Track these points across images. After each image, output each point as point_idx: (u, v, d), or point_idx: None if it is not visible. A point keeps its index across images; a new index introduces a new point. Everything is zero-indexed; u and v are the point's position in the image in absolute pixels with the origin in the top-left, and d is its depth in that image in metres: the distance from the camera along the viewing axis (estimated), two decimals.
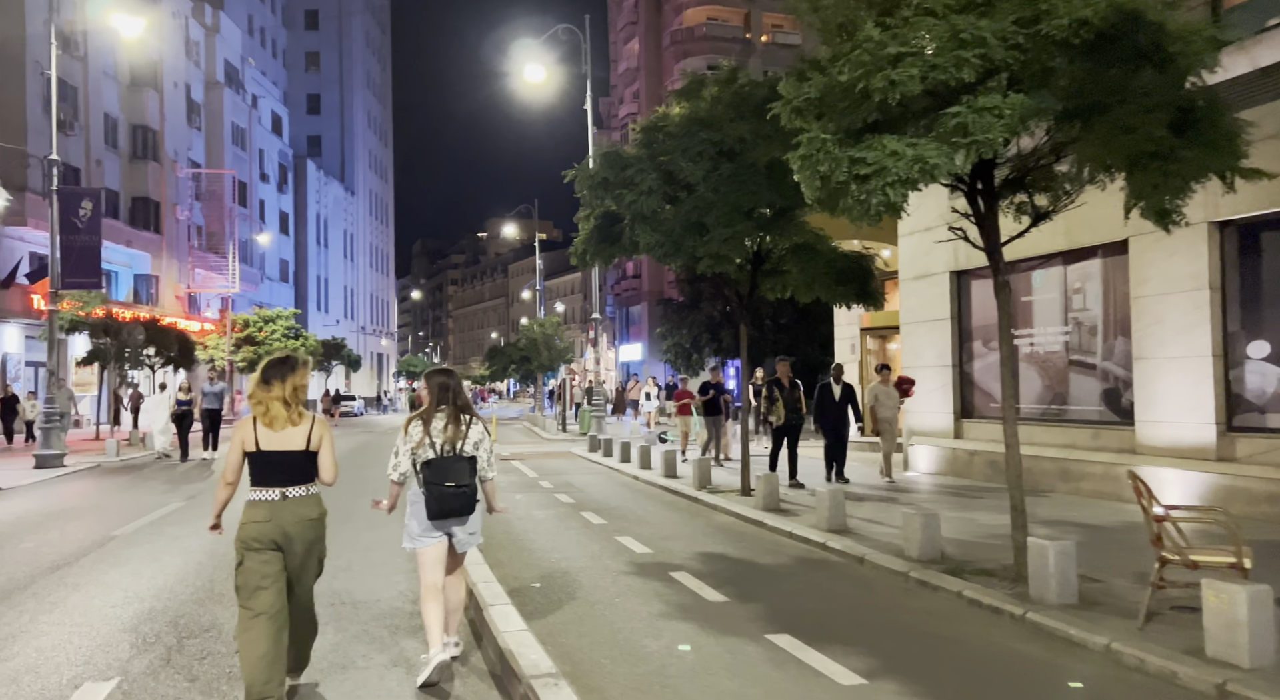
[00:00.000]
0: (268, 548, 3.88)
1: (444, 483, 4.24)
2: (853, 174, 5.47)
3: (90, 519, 9.94)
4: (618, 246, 10.60)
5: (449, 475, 4.25)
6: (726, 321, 43.44)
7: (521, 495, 11.85)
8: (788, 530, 8.45)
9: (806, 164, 5.76)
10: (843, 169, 5.49)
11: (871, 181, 5.44)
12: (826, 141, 5.58)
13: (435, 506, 4.28)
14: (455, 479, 4.26)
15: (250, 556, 3.88)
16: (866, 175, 5.47)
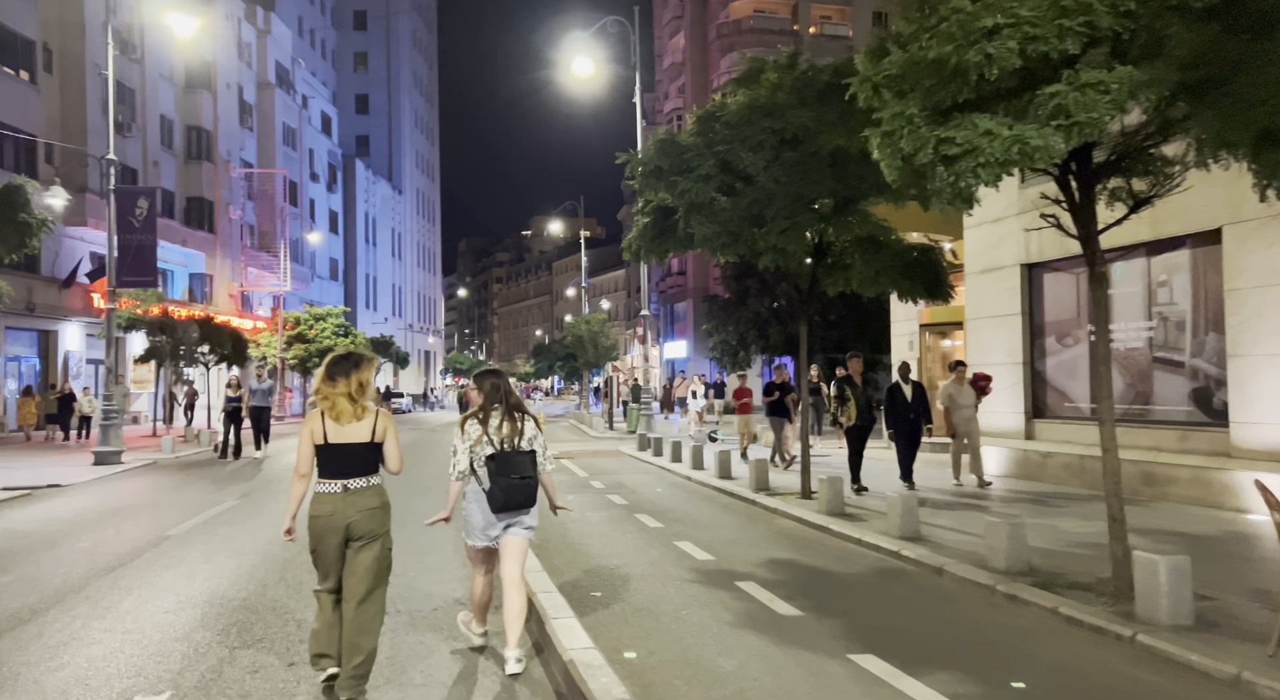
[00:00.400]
0: (332, 539, 4.02)
1: (510, 475, 4.36)
2: (940, 154, 5.05)
3: (145, 517, 9.92)
4: (672, 240, 10.26)
5: (514, 468, 4.39)
6: (774, 318, 42.86)
7: (574, 496, 11.59)
8: (856, 537, 8.04)
9: (888, 142, 5.36)
10: (929, 149, 5.08)
11: (960, 163, 5.03)
12: (914, 118, 5.17)
13: (502, 498, 4.39)
14: (520, 471, 4.40)
15: (320, 546, 4.09)
16: (955, 156, 5.05)
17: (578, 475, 14.27)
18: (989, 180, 5.00)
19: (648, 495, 11.65)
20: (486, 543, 4.54)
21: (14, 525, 9.41)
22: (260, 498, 11.39)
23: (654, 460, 16.41)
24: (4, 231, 10.41)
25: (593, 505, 10.72)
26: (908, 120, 5.30)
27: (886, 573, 6.91)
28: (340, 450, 4.02)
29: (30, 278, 27.16)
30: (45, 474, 14.17)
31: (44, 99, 28.32)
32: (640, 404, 20.29)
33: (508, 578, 4.51)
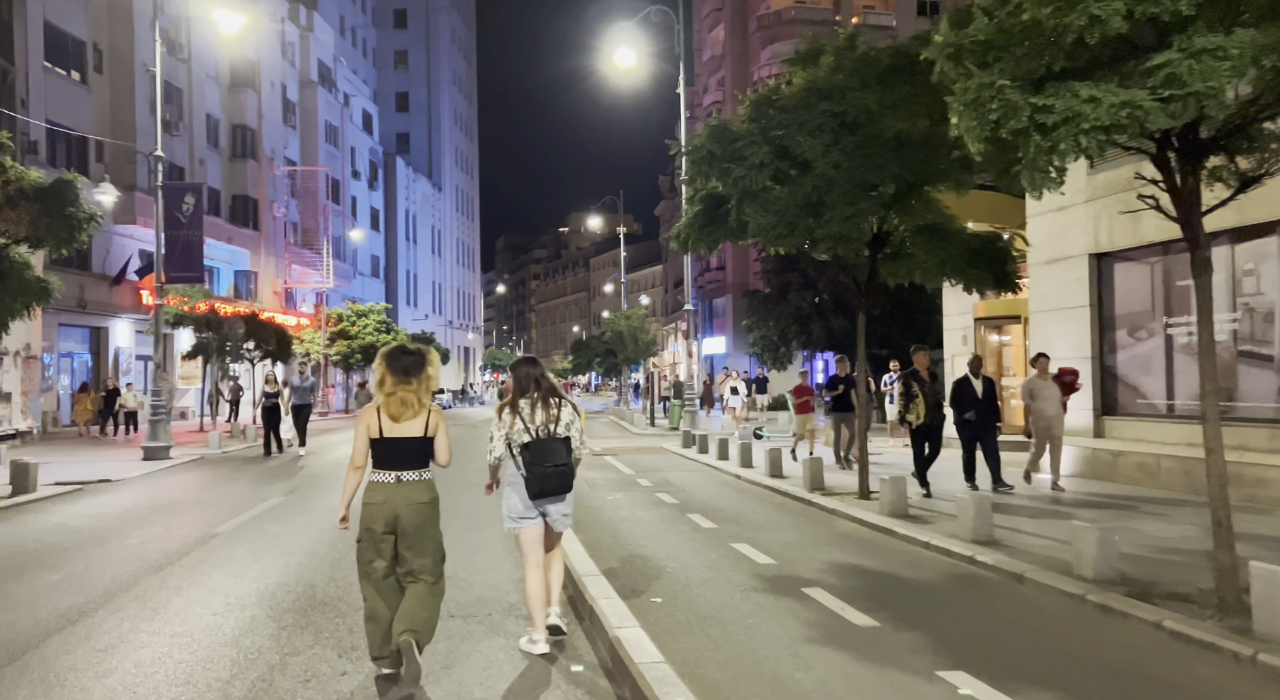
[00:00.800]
0: (381, 528, 4.12)
1: (544, 463, 4.45)
2: (1035, 122, 4.67)
3: (193, 514, 9.85)
4: (722, 230, 9.91)
5: (548, 456, 4.47)
6: (816, 313, 42.15)
7: (621, 494, 11.31)
8: (924, 540, 7.63)
9: (972, 112, 4.97)
10: (1023, 116, 4.69)
11: (1058, 131, 4.64)
12: (1004, 86, 4.78)
13: (536, 486, 4.49)
14: (554, 459, 4.48)
15: (366, 535, 4.16)
16: (1052, 125, 4.66)
17: (623, 472, 13.99)
18: (1090, 149, 4.61)
19: (697, 494, 11.33)
20: (529, 524, 4.67)
21: (65, 521, 9.39)
22: (306, 494, 11.29)
23: (699, 457, 16.08)
24: (54, 226, 10.40)
25: (642, 504, 10.43)
26: (997, 89, 4.91)
27: (961, 579, 6.51)
28: (395, 443, 4.15)
29: (82, 275, 27.64)
30: (96, 469, 14.28)
31: (94, 99, 28.79)
32: (683, 400, 19.92)
33: (549, 559, 4.83)
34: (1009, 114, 4.83)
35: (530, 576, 4.65)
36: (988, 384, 10.35)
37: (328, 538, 8.12)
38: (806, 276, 41.80)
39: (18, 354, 20.67)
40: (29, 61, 23.79)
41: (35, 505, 10.59)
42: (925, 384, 10.23)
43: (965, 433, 10.30)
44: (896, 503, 8.85)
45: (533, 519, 4.62)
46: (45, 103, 25.47)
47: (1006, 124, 4.85)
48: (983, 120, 4.96)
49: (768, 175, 8.82)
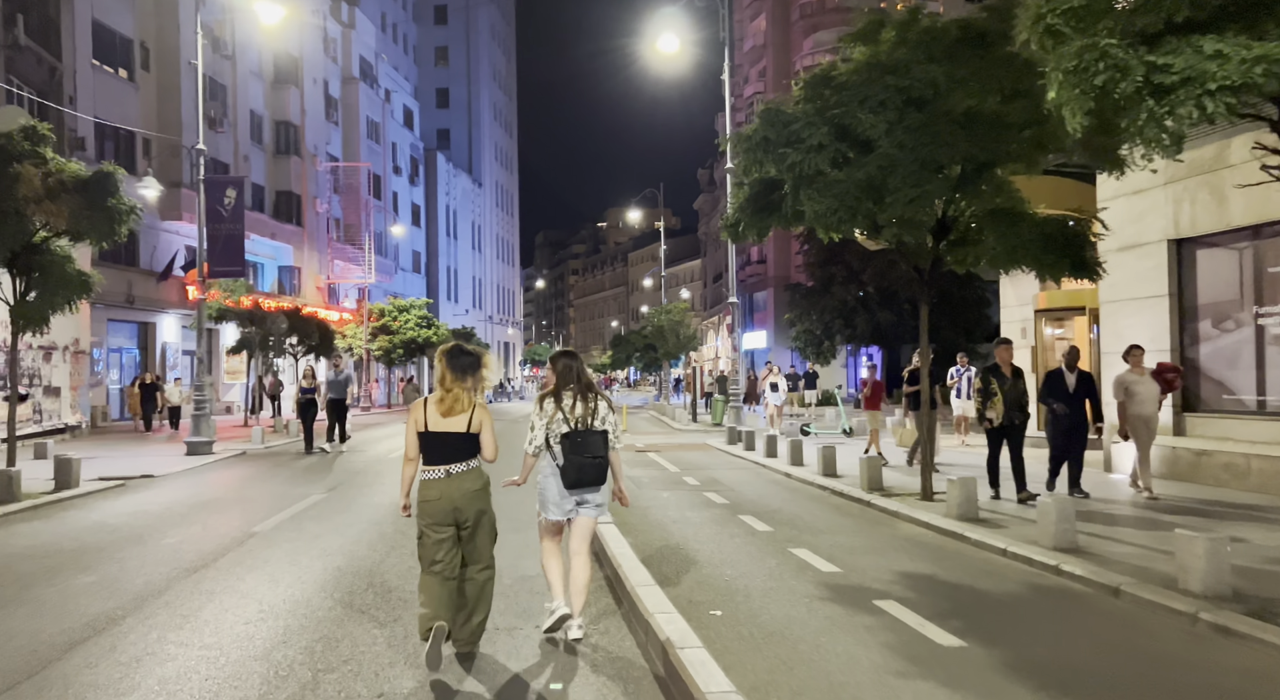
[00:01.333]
0: (442, 523, 4.30)
1: (583, 454, 4.54)
2: (1151, 84, 4.12)
3: (233, 511, 9.64)
4: (776, 216, 9.42)
5: (587, 447, 4.55)
6: (861, 306, 41.28)
7: (668, 493, 10.88)
8: (1000, 547, 7.07)
9: (1074, 80, 4.43)
10: (1135, 77, 4.14)
11: (1177, 93, 4.08)
12: (1110, 46, 4.24)
13: (574, 476, 4.56)
14: (592, 450, 4.56)
15: (429, 533, 4.31)
16: (1169, 86, 4.11)
17: (668, 470, 13.56)
18: (1216, 112, 4.05)
19: (748, 494, 10.85)
20: (560, 516, 4.72)
21: (104, 519, 9.23)
22: (348, 491, 11.05)
23: (746, 455, 15.59)
24: (95, 218, 10.26)
25: (691, 504, 9.98)
26: (1102, 53, 4.36)
27: (1047, 592, 5.95)
28: (440, 438, 4.32)
29: (130, 271, 27.98)
30: (139, 464, 14.24)
31: (141, 96, 29.08)
32: (727, 396, 19.42)
33: (575, 550, 4.75)
34: (1118, 77, 4.29)
35: (549, 564, 4.77)
36: (1083, 379, 9.38)
37: (368, 538, 7.81)
38: (851, 269, 40.97)
39: (66, 349, 20.88)
40: (77, 59, 24.03)
41: (77, 501, 10.49)
42: (1006, 380, 9.35)
43: (1053, 431, 9.42)
44: (965, 505, 8.29)
45: (567, 508, 4.69)
46: (94, 100, 25.74)
47: (1116, 88, 4.31)
48: (1086, 88, 4.42)
49: (826, 158, 8.30)
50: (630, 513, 9.18)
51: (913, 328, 40.68)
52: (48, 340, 19.95)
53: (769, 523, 8.65)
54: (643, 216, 69.14)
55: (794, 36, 51.55)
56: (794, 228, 9.68)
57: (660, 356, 38.00)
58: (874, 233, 9.20)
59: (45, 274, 10.49)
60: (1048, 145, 8.32)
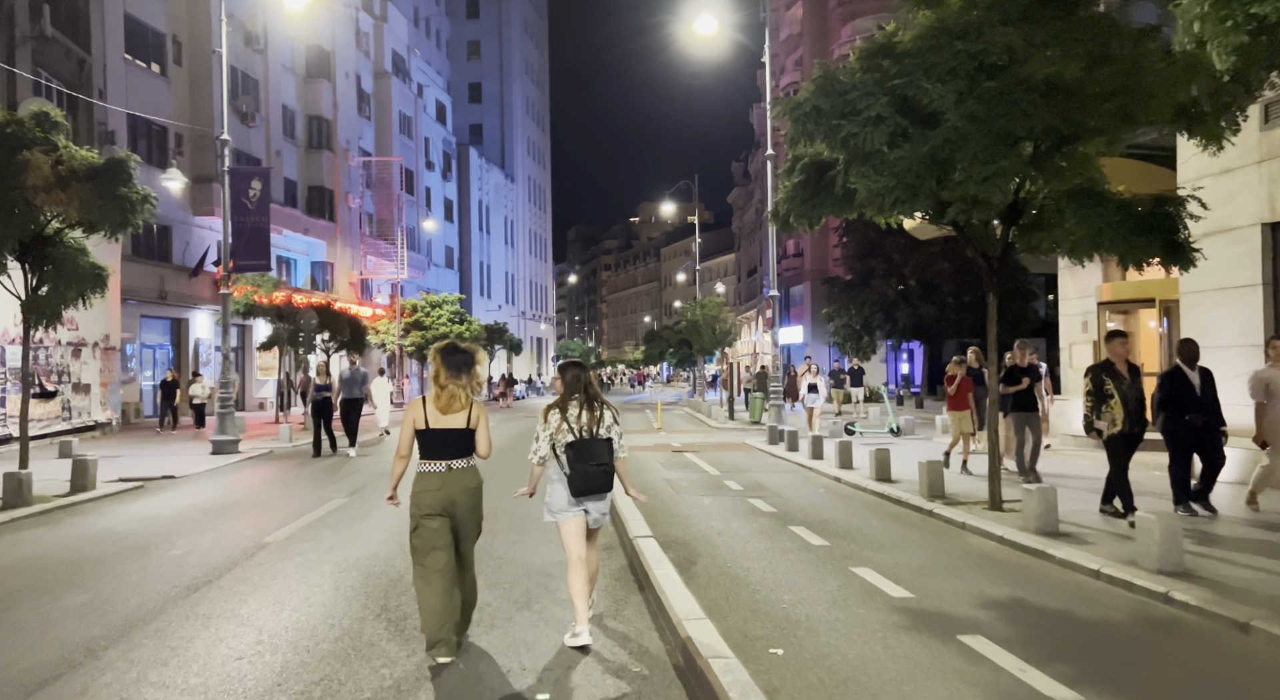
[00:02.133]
0: (437, 513, 4.40)
1: (588, 462, 4.58)
2: None
3: (248, 518, 9.10)
4: (828, 201, 8.63)
5: (592, 456, 4.60)
6: (902, 300, 40.11)
7: (709, 499, 10.15)
8: (1091, 568, 6.24)
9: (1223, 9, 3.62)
10: None
11: None
12: None
13: (580, 484, 4.59)
14: (597, 458, 4.61)
15: (426, 522, 4.39)
16: None
17: (708, 473, 12.82)
18: None
19: (797, 500, 10.08)
20: (570, 517, 4.72)
21: (114, 525, 8.74)
22: (370, 495, 10.48)
23: (789, 456, 14.79)
24: (106, 208, 9.77)
25: (735, 512, 9.23)
26: None
27: (1160, 625, 5.13)
28: (440, 434, 4.45)
29: (162, 266, 27.88)
30: (163, 464, 13.85)
31: (174, 91, 28.95)
32: (768, 393, 18.61)
33: (584, 552, 4.77)
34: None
35: (572, 571, 4.66)
36: (1206, 377, 8.02)
37: (386, 552, 7.19)
38: (891, 262, 39.83)
39: (96, 345, 20.68)
40: (107, 52, 23.85)
41: (90, 505, 10.04)
42: (1124, 381, 7.79)
43: (1176, 440, 8.00)
44: (1044, 517, 7.44)
45: (574, 513, 4.71)
46: (125, 94, 25.60)
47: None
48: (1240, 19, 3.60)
49: (885, 133, 7.50)
50: (671, 522, 8.48)
51: (955, 321, 39.44)
52: (76, 336, 19.77)
53: (823, 535, 7.88)
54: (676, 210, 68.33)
55: (832, 24, 50.34)
56: (845, 214, 8.87)
57: (695, 352, 37.25)
58: (936, 216, 8.36)
59: (58, 267, 10.04)
60: (1136, 117, 7.44)
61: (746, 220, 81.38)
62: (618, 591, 5.91)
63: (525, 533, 7.86)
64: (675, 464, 13.99)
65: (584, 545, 4.71)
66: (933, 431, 18.97)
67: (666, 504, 9.71)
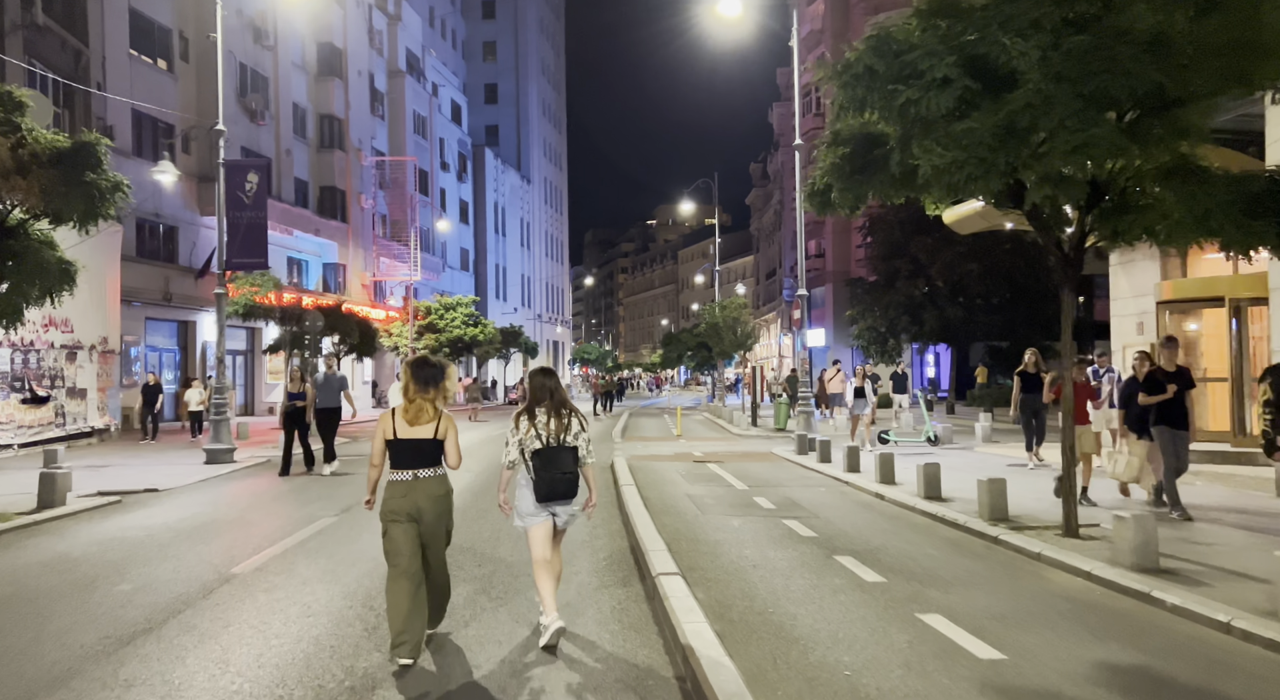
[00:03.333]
0: (404, 519, 4.57)
1: (553, 469, 4.71)
2: None
3: (221, 541, 8.10)
4: (879, 178, 7.55)
5: (557, 463, 4.73)
6: (929, 302, 38.84)
7: (739, 520, 9.04)
8: (1220, 620, 5.10)
9: None
10: None
11: None
12: None
13: (545, 490, 4.73)
14: (562, 466, 4.74)
15: (392, 527, 4.58)
16: None
17: (735, 487, 11.71)
18: None
19: (838, 522, 8.95)
20: (537, 522, 4.84)
21: (70, 549, 7.77)
22: (361, 513, 9.46)
23: (821, 468, 13.65)
24: (70, 195, 8.82)
25: (770, 538, 8.12)
26: None
27: None
28: (408, 445, 4.59)
29: (167, 267, 27.12)
30: (149, 476, 12.93)
31: (180, 88, 28.22)
32: (796, 398, 17.47)
33: (549, 555, 4.89)
34: None
35: (538, 571, 4.83)
36: None
37: (365, 589, 6.16)
38: (917, 263, 38.53)
39: (93, 348, 19.86)
40: (106, 44, 23.10)
41: (53, 525, 9.09)
42: None
43: None
44: (1142, 550, 6.28)
45: (541, 518, 4.85)
46: (130, 90, 24.88)
47: None
48: None
49: (952, 97, 6.39)
50: (698, 550, 7.39)
51: (984, 324, 38.06)
52: (71, 339, 18.95)
53: (876, 568, 6.76)
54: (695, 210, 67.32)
55: (854, 19, 49.08)
56: (899, 195, 7.78)
57: (715, 355, 36.15)
58: (1006, 198, 7.24)
59: (19, 262, 9.10)
60: (1252, 77, 6.31)
61: (765, 222, 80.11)
62: (639, 652, 4.83)
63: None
64: (698, 476, 12.90)
65: (548, 549, 4.88)
66: (971, 440, 17.76)
67: (691, 526, 8.62)
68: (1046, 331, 38.72)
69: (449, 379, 4.67)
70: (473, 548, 7.54)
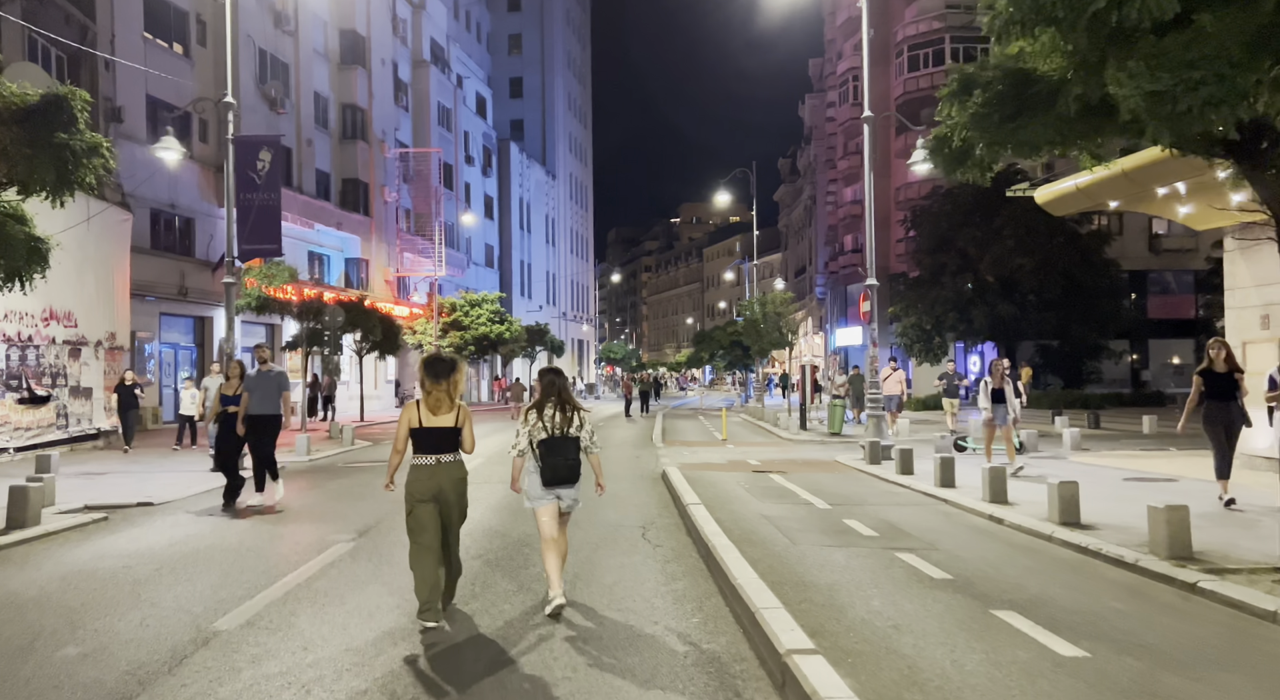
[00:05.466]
0: (428, 500, 5.13)
1: (556, 457, 5.28)
2: None
3: (209, 577, 6.57)
4: (1039, 122, 5.88)
5: (560, 451, 5.29)
6: (979, 298, 36.92)
7: (841, 552, 7.37)
8: None
9: None
10: None
11: None
12: None
13: (550, 476, 5.32)
14: (565, 454, 5.30)
15: (418, 507, 5.13)
16: None
17: (814, 506, 10.03)
18: None
19: (965, 555, 7.26)
20: (544, 504, 5.39)
21: (26, 586, 6.28)
22: (384, 536, 7.93)
23: (903, 480, 11.94)
24: (35, 160, 7.36)
25: (894, 581, 6.43)
26: None
27: None
28: (431, 432, 5.16)
29: (183, 260, 25.90)
30: (146, 486, 11.50)
31: (197, 72, 26.99)
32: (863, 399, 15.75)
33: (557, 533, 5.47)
34: None
35: (545, 549, 5.41)
36: None
37: (386, 661, 4.58)
38: (965, 257, 36.54)
39: (99, 344, 18.55)
40: (115, 23, 21.83)
41: (16, 552, 7.62)
42: None
43: None
44: None
45: (547, 500, 5.39)
46: (145, 74, 23.66)
47: None
48: None
49: None
50: (811, 600, 5.73)
51: (1036, 321, 36.00)
52: (74, 334, 17.63)
53: (1060, 631, 5.08)
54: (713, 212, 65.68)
55: (894, 4, 47.15)
56: (1067, 143, 6.09)
57: (754, 353, 34.42)
58: (1255, 125, 5.48)
59: None
60: None
61: (794, 218, 78.04)
62: None
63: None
64: (765, 491, 11.26)
65: (555, 528, 5.39)
66: (1056, 446, 15.95)
67: (786, 562, 6.98)
68: (1101, 329, 36.63)
69: (459, 373, 5.19)
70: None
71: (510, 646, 4.86)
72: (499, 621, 5.35)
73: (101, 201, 16.24)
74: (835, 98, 53.13)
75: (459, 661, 4.66)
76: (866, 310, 15.51)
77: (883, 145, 48.97)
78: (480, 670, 4.51)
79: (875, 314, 15.61)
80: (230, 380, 10.17)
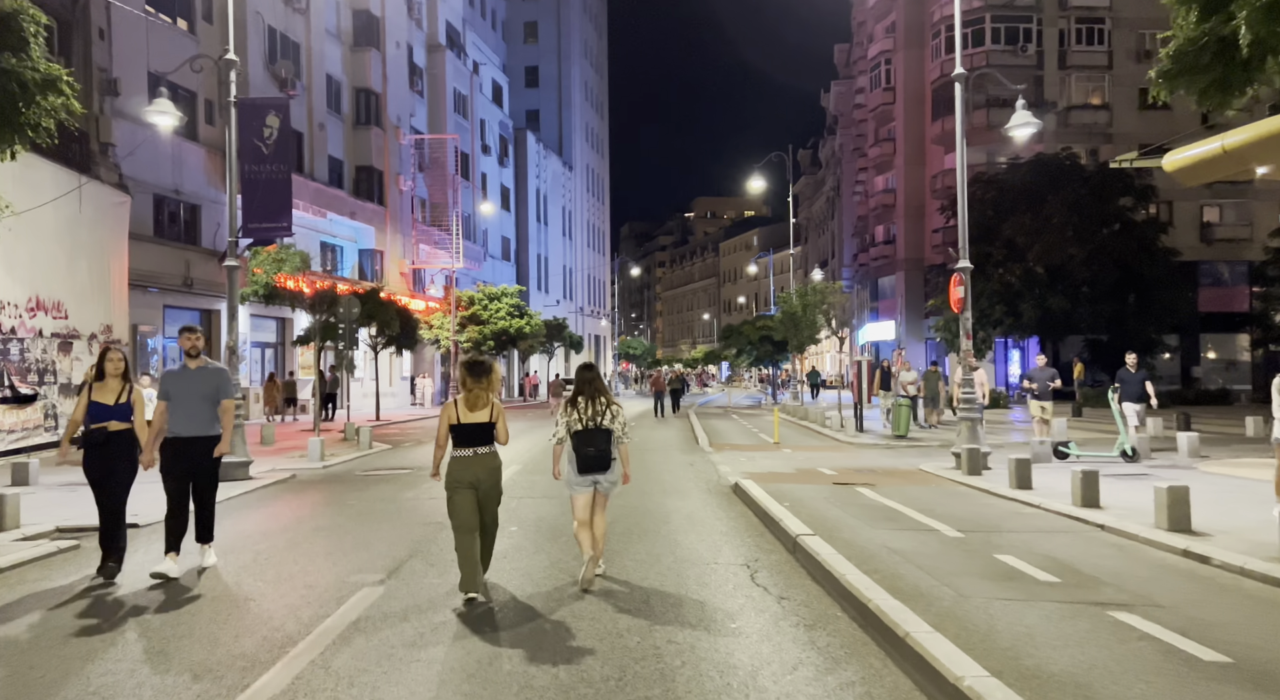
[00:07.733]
0: (466, 487, 5.70)
1: (588, 447, 5.90)
2: None
3: (191, 652, 4.79)
4: None
5: (592, 442, 5.92)
6: (1027, 289, 34.87)
7: (1032, 610, 5.52)
8: None
9: None
10: None
11: None
12: None
13: (583, 464, 5.95)
14: (595, 445, 5.92)
15: (456, 493, 5.71)
16: None
17: (943, 533, 8.18)
18: None
19: (1204, 617, 5.40)
20: (581, 491, 6.04)
21: None
22: (420, 582, 6.16)
23: (1021, 495, 10.09)
24: None
25: (1138, 657, 4.58)
26: None
27: None
28: (469, 428, 5.75)
29: (188, 249, 24.26)
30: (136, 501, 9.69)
31: (202, 50, 25.30)
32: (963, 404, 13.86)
33: (595, 514, 6.17)
34: None
35: (579, 530, 6.09)
36: None
37: None
38: (1012, 246, 34.49)
39: (93, 337, 16.89)
40: None
41: None
42: None
43: None
44: None
45: (585, 488, 6.01)
46: (147, 51, 22.01)
47: None
48: None
49: None
50: None
51: (1089, 315, 33.92)
52: (65, 326, 15.96)
53: None
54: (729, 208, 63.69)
55: None
56: None
57: (791, 348, 32.55)
58: None
59: None
60: None
61: (815, 211, 75.96)
62: None
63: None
64: (865, 511, 9.42)
65: (588, 513, 6.07)
66: (1170, 454, 14.04)
67: (967, 625, 5.14)
68: (1159, 323, 34.50)
69: (494, 374, 5.84)
70: None
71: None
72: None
73: (93, 180, 14.48)
74: (865, 83, 51.07)
75: None
76: (960, 296, 13.66)
77: (916, 131, 46.98)
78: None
79: (969, 300, 13.74)
80: (108, 380, 6.34)
